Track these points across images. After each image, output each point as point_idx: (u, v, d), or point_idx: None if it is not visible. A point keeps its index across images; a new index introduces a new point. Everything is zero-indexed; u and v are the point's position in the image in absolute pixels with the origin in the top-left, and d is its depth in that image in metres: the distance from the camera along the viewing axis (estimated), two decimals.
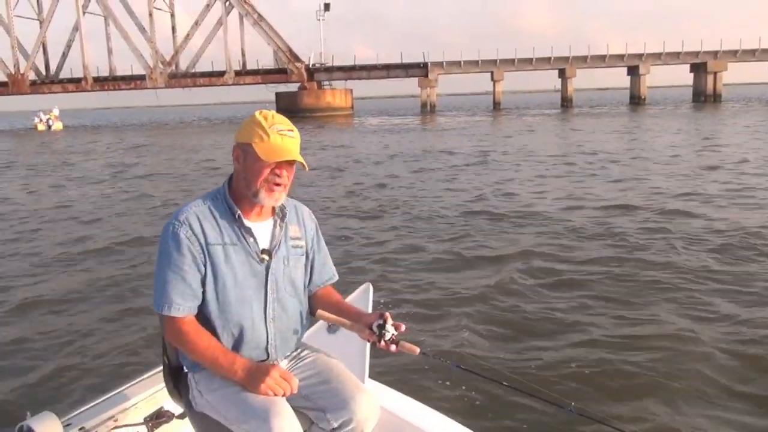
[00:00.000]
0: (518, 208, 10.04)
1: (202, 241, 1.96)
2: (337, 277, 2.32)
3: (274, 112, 2.02)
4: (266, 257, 2.04)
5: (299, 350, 2.20)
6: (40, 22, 66.67)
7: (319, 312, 2.18)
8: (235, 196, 2.04)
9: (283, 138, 1.95)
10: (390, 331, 1.99)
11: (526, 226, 8.63)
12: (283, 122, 1.99)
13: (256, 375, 1.91)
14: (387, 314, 2.02)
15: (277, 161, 1.94)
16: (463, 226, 8.85)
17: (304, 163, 1.98)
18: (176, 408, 2.36)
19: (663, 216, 8.96)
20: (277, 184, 1.98)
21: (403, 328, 2.02)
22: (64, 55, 67.61)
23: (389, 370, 4.09)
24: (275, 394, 1.90)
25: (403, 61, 63.01)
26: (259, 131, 1.95)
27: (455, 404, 3.75)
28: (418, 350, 2.04)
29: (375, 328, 2.00)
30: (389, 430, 2.31)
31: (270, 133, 1.94)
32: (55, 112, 59.06)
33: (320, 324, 2.75)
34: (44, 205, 12.57)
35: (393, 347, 1.99)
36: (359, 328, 2.06)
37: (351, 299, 2.70)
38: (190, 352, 1.98)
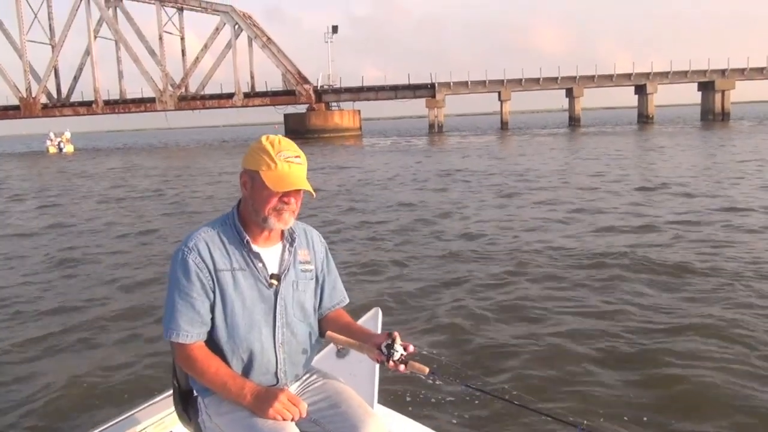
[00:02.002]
0: (537, 234, 9.96)
1: (211, 267, 1.97)
2: (347, 300, 2.32)
3: (280, 137, 2.02)
4: (275, 282, 2.04)
5: (308, 374, 2.20)
6: (52, 47, 67.70)
7: (329, 333, 2.18)
8: (243, 221, 2.05)
9: (290, 166, 1.96)
10: (399, 351, 1.98)
11: (539, 251, 8.48)
12: (289, 148, 1.98)
13: (264, 399, 1.92)
14: (396, 334, 2.01)
15: (285, 190, 1.96)
16: (475, 249, 8.78)
17: (312, 191, 1.99)
18: None
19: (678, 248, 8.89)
20: (286, 210, 1.99)
21: (411, 348, 2.00)
22: (76, 79, 68.58)
23: (398, 391, 4.07)
24: (284, 419, 1.90)
25: (411, 82, 63.43)
26: (266, 159, 1.95)
27: (465, 425, 3.72)
28: (427, 370, 2.03)
29: (384, 348, 1.99)
30: None
31: (277, 160, 1.94)
32: (67, 134, 59.61)
33: (330, 348, 2.74)
34: (54, 227, 12.64)
35: (402, 367, 1.98)
36: (368, 348, 2.05)
37: (360, 323, 2.70)
38: (200, 377, 1.99)
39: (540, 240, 9.10)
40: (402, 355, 1.98)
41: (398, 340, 1.99)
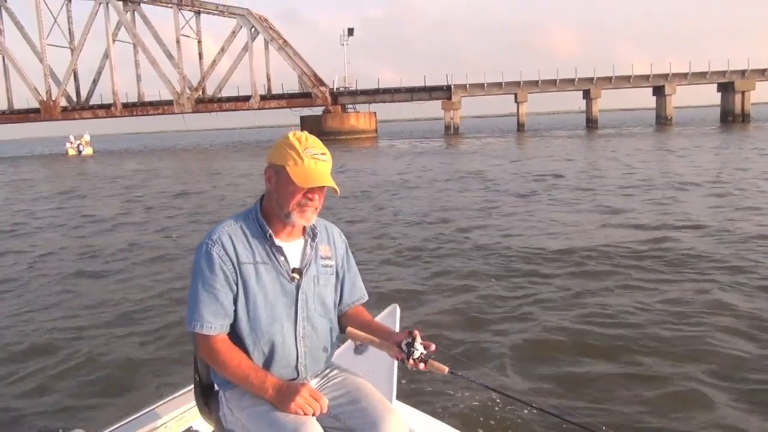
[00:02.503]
0: (561, 240, 9.80)
1: (234, 260, 1.99)
2: (366, 297, 2.33)
3: (307, 133, 2.03)
4: (297, 276, 2.06)
5: (329, 369, 2.21)
6: (72, 51, 68.50)
7: (349, 329, 2.19)
8: (266, 216, 2.07)
9: (316, 163, 1.98)
10: (419, 350, 1.99)
11: (562, 257, 8.18)
12: (316, 145, 2.01)
13: (286, 393, 1.93)
14: (416, 332, 2.02)
15: (311, 186, 1.97)
16: (498, 253, 8.61)
17: (336, 188, 2.01)
18: (205, 428, 2.38)
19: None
20: (310, 207, 2.01)
21: (433, 347, 2.01)
22: (95, 82, 69.28)
23: (417, 390, 4.07)
24: (305, 413, 1.91)
25: (427, 84, 63.32)
26: (293, 154, 1.97)
27: (483, 426, 3.71)
28: (446, 369, 2.04)
29: (404, 346, 2.00)
30: None
31: (304, 156, 1.97)
32: (86, 137, 60.32)
33: (348, 344, 2.75)
34: (77, 222, 12.80)
35: (421, 366, 1.99)
36: (388, 346, 2.06)
37: (378, 320, 2.70)
38: (222, 370, 2.01)
39: (576, 243, 8.92)
40: (422, 353, 1.99)
41: (418, 339, 2.00)
